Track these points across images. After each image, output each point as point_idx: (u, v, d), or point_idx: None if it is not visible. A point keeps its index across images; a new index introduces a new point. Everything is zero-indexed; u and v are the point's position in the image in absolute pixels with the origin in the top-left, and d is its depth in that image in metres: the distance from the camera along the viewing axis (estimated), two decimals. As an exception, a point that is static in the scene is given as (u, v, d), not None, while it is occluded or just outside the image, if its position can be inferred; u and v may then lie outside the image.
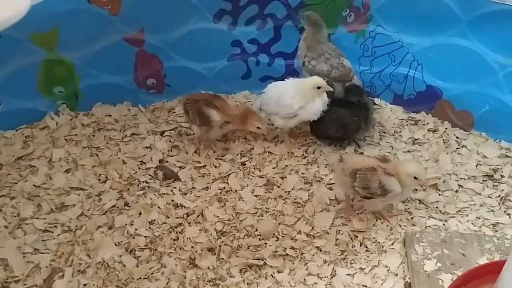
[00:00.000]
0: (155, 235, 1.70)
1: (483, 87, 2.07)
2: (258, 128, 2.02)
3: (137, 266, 1.60)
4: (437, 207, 1.83)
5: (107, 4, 2.06)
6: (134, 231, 1.71)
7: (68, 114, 2.18)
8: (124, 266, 1.60)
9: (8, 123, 2.07)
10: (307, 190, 1.90)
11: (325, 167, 2.01)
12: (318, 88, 1.94)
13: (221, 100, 2.07)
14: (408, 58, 2.23)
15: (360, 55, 2.33)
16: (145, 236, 1.69)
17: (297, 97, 1.96)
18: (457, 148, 2.10)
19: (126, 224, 1.73)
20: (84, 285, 1.55)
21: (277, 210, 1.82)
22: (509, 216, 1.78)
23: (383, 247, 1.69)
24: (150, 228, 1.73)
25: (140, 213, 1.78)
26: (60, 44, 2.05)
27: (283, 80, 2.11)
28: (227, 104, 2.07)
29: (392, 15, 2.20)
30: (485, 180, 1.94)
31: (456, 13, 2.04)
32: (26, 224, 1.71)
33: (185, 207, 1.82)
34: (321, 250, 1.68)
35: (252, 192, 1.89)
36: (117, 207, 1.80)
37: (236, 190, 1.89)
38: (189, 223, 1.76)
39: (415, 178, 1.64)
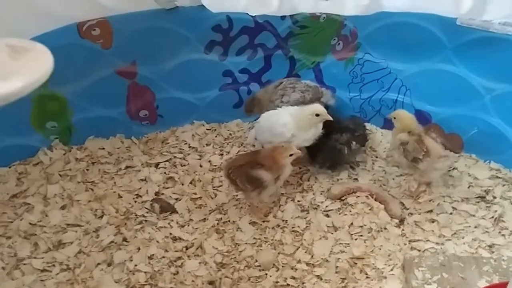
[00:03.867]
0: (155, 270, 1.69)
1: (471, 110, 2.12)
2: (291, 155, 1.84)
3: (139, 303, 1.59)
4: (433, 230, 1.85)
5: (99, 38, 2.08)
6: (134, 267, 1.69)
7: (62, 148, 2.16)
8: (126, 303, 1.58)
9: (0, 160, 2.05)
10: (304, 218, 1.91)
11: (321, 194, 2.03)
12: (317, 115, 1.92)
13: (258, 153, 1.91)
14: (397, 84, 2.27)
15: (350, 82, 2.37)
16: (145, 272, 1.68)
17: (289, 124, 1.97)
18: (448, 171, 2.14)
19: (125, 260, 1.71)
20: (86, 325, 1.53)
21: (275, 240, 1.82)
22: (504, 237, 1.82)
23: (383, 273, 1.70)
24: (149, 263, 1.72)
25: (139, 248, 1.76)
26: (52, 79, 2.03)
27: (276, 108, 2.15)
28: (262, 154, 1.88)
29: (379, 43, 2.25)
30: (478, 202, 1.97)
31: (442, 40, 2.10)
32: (24, 264, 1.68)
33: (183, 240, 1.81)
34: (321, 279, 1.68)
35: (250, 222, 1.90)
36: (115, 242, 1.78)
37: (234, 221, 1.90)
38: (189, 256, 1.75)
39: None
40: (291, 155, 1.84)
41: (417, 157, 1.89)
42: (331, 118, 1.94)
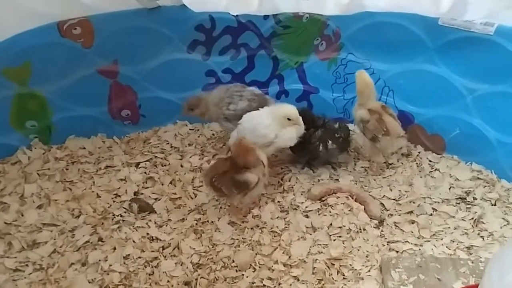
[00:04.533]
0: (130, 271, 1.67)
1: (453, 111, 2.11)
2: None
3: (112, 304, 1.57)
4: (412, 232, 1.84)
5: (80, 37, 2.07)
6: (108, 267, 1.67)
7: (41, 148, 2.15)
8: (98, 304, 1.57)
9: (-22, 159, 2.04)
10: (284, 219, 1.90)
11: (301, 194, 2.02)
12: (289, 119, 1.93)
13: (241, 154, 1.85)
14: (380, 84, 2.26)
15: (333, 82, 2.37)
16: (120, 272, 1.66)
17: (272, 125, 1.97)
18: (430, 172, 2.13)
19: (100, 260, 1.69)
20: (57, 325, 1.51)
21: (253, 240, 1.80)
22: (483, 239, 1.80)
23: (360, 274, 1.68)
24: (124, 263, 1.70)
25: (115, 248, 1.74)
26: (32, 78, 2.05)
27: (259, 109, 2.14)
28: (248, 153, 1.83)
29: (362, 43, 2.24)
30: (458, 203, 1.96)
31: (424, 40, 2.09)
32: (-4, 263, 1.66)
33: (160, 240, 1.80)
34: (298, 280, 1.66)
35: (229, 222, 1.88)
36: (91, 242, 1.76)
37: (212, 221, 1.88)
38: (165, 256, 1.74)
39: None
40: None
41: (377, 136, 1.99)
42: (302, 125, 1.95)
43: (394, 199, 1.99)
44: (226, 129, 2.20)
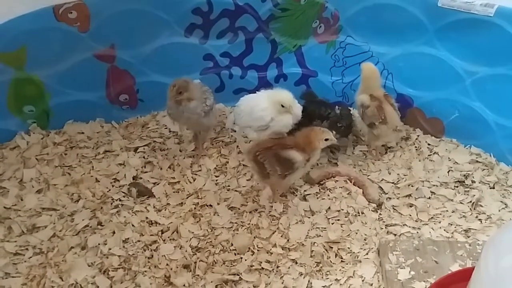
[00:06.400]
0: (129, 254, 1.68)
1: (452, 94, 2.10)
2: (327, 139, 1.83)
3: (111, 287, 1.57)
4: (410, 215, 1.85)
5: (76, 21, 2.05)
6: (108, 251, 1.68)
7: (39, 133, 2.15)
8: (98, 287, 1.57)
9: (-23, 144, 2.04)
10: (282, 202, 1.90)
11: (300, 178, 2.01)
12: (282, 106, 1.94)
13: (288, 138, 1.88)
14: (379, 68, 2.21)
15: (332, 66, 2.35)
16: (119, 256, 1.67)
17: (268, 108, 1.97)
18: (429, 155, 2.13)
19: (99, 244, 1.70)
20: (57, 308, 1.52)
21: (252, 224, 1.81)
22: (480, 222, 1.81)
23: (357, 257, 1.69)
24: (124, 247, 1.71)
25: (114, 232, 1.76)
26: (29, 63, 2.03)
27: (256, 92, 2.13)
28: (293, 138, 1.86)
29: (361, 26, 2.22)
30: (457, 186, 1.96)
31: (423, 22, 2.07)
32: (-4, 248, 1.67)
33: (159, 224, 1.80)
34: (296, 263, 1.68)
35: (228, 206, 1.89)
36: (90, 226, 1.77)
37: (211, 205, 1.89)
38: (164, 240, 1.75)
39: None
40: (326, 139, 1.83)
41: (374, 122, 2.01)
42: (297, 114, 1.96)
43: (392, 183, 2.00)
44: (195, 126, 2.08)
